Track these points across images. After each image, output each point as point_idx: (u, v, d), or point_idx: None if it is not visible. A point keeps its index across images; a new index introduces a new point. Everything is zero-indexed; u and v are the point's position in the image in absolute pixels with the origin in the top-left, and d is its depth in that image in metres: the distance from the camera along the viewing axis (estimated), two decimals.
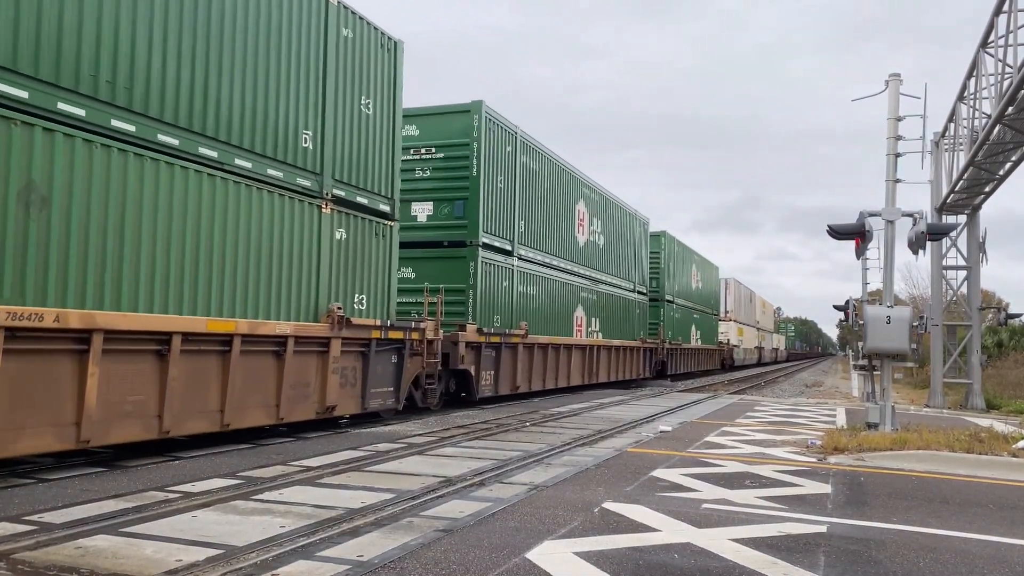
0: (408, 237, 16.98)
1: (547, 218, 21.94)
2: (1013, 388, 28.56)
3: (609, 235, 27.71)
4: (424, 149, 18.43)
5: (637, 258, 31.20)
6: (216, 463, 9.13)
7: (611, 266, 27.84)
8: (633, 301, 30.45)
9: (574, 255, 24.17)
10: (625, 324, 29.31)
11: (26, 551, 5.36)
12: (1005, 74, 16.93)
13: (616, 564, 5.40)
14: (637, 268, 31.18)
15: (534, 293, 20.85)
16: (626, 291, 29.58)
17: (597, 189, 26.66)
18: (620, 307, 28.74)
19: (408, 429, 12.94)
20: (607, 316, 27.24)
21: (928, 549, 6.09)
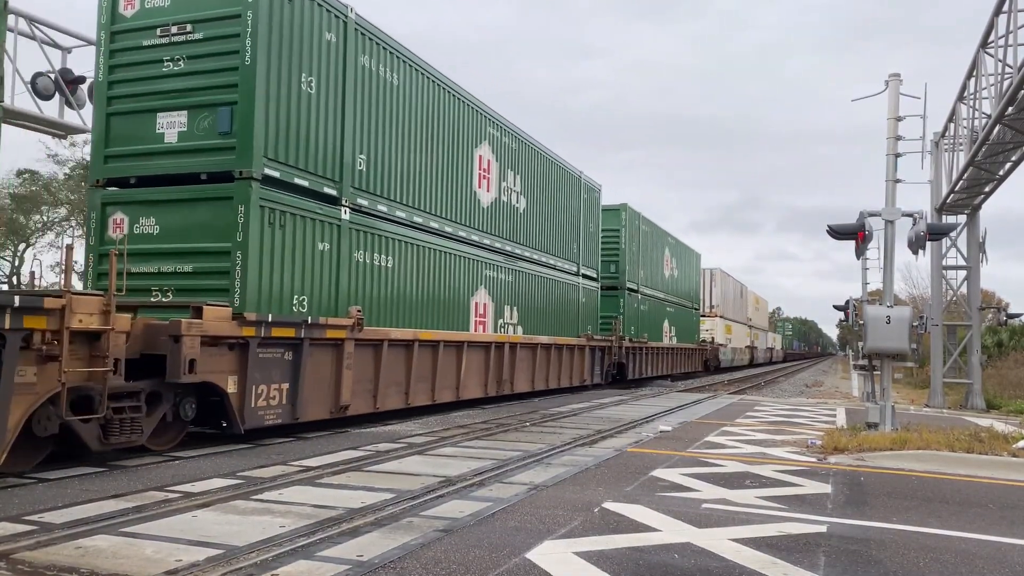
0: (148, 168, 11.61)
1: (416, 158, 15.19)
2: (1013, 388, 28.56)
3: (537, 198, 21.33)
4: (176, 27, 11.64)
5: (584, 233, 24.91)
6: (216, 463, 9.13)
7: (540, 239, 21.56)
8: (575, 287, 24.23)
9: (471, 218, 17.37)
10: (563, 316, 23.20)
11: (26, 551, 5.36)
12: (1005, 74, 16.93)
13: (616, 564, 5.40)
14: (583, 246, 24.85)
15: (389, 266, 14.19)
16: (565, 274, 23.54)
17: (515, 133, 19.64)
18: (554, 294, 22.43)
19: (408, 429, 12.95)
20: (532, 305, 20.95)
21: (928, 549, 6.09)
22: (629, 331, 29.21)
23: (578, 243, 24.49)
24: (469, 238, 17.40)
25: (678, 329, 38.06)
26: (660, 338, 34.31)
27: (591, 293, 25.75)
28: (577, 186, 24.60)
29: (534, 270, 21.22)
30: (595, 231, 26.34)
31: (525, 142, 20.69)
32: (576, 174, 24.53)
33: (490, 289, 18.39)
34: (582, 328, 24.64)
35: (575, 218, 24.38)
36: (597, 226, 26.64)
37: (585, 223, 25.18)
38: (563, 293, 23.29)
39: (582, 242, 24.85)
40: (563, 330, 23.10)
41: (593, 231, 26.10)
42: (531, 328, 20.79)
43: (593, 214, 26.15)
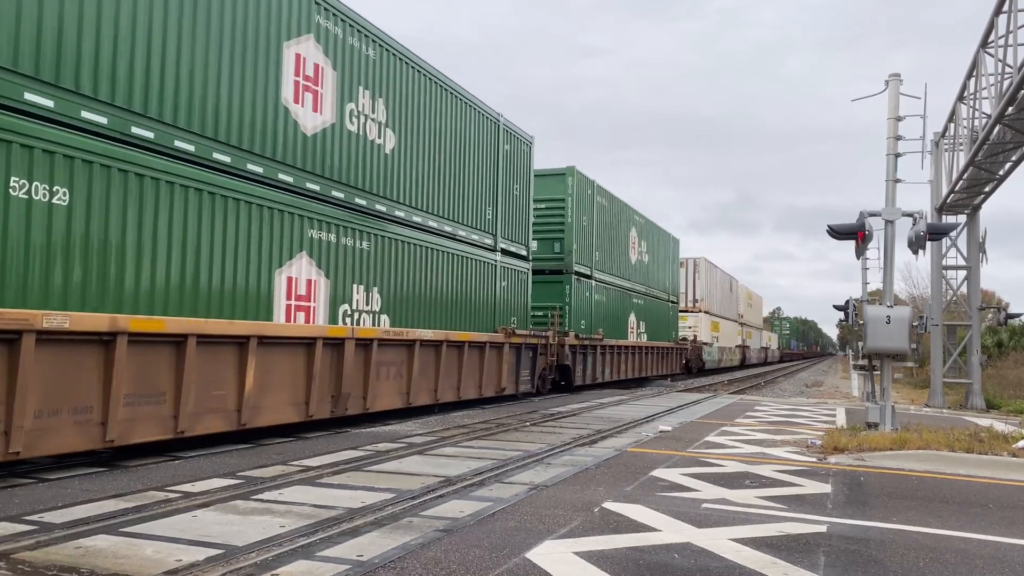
0: None
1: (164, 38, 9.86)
2: (1013, 388, 28.56)
3: (418, 137, 15.30)
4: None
5: (506, 198, 19.23)
6: (216, 463, 9.13)
7: (424, 195, 15.54)
8: (490, 266, 18.48)
9: (276, 147, 11.68)
10: (468, 305, 17.42)
11: (26, 551, 5.36)
12: (1005, 74, 16.93)
13: (616, 564, 5.40)
14: (504, 214, 19.13)
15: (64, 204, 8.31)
16: (473, 248, 17.67)
17: (377, 38, 14.07)
18: (451, 274, 16.66)
19: (408, 429, 12.94)
20: (409, 287, 14.98)
21: (928, 549, 6.09)
22: (578, 325, 24.25)
23: (495, 209, 18.58)
24: (274, 178, 11.50)
25: (650, 325, 32.80)
26: (624, 335, 29.14)
27: (517, 275, 20.02)
28: (493, 133, 18.50)
29: (415, 238, 15.12)
30: (524, 196, 20.47)
31: (397, 54, 14.55)
32: (493, 116, 18.63)
33: (321, 259, 12.36)
34: (503, 320, 18.85)
35: (490, 175, 18.40)
36: (527, 190, 20.69)
37: (507, 184, 19.36)
38: (469, 273, 17.35)
39: (502, 208, 19.02)
40: (469, 322, 17.24)
41: (521, 196, 20.24)
42: (407, 319, 14.74)
43: (520, 173, 20.24)
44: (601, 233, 26.73)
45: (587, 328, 25.16)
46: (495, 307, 18.74)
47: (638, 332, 31.29)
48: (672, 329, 37.38)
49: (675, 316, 38.27)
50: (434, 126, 15.96)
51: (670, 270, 36.97)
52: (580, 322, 24.54)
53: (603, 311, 26.86)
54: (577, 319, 24.31)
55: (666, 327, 36.04)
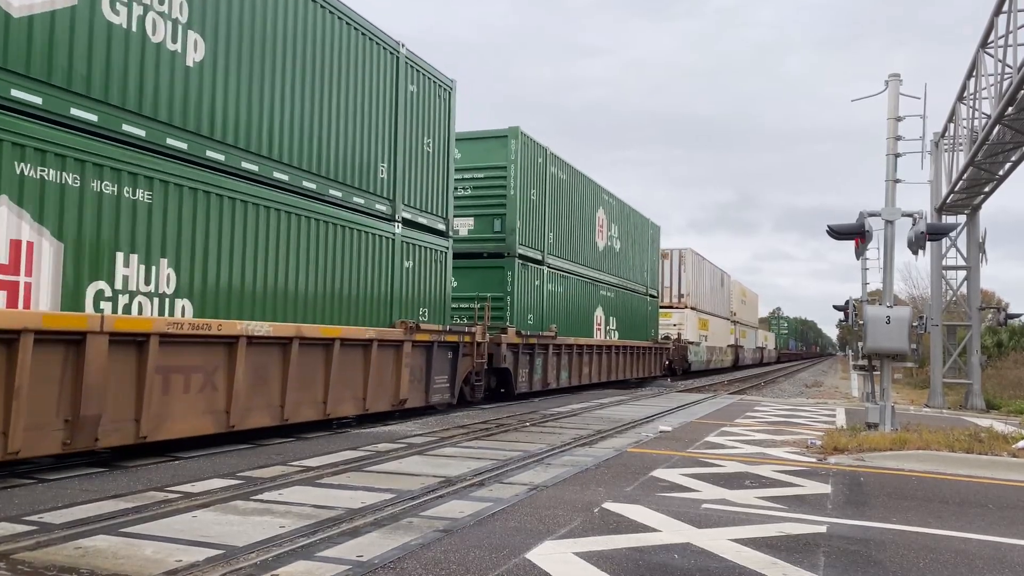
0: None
1: None
2: (1013, 388, 28.57)
3: (244, 55, 10.99)
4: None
5: (402, 147, 14.56)
6: (216, 463, 9.13)
7: (242, 127, 10.99)
8: (378, 238, 13.84)
9: None
10: (348, 291, 12.99)
11: (26, 551, 5.36)
12: (1005, 74, 16.94)
13: (616, 564, 5.40)
14: (400, 170, 14.47)
15: None
16: (349, 212, 13.09)
17: None
18: (304, 245, 12.03)
19: (408, 429, 12.94)
20: (226, 262, 10.57)
21: (928, 549, 6.09)
22: (523, 320, 20.17)
23: (392, 166, 14.22)
24: None
25: (623, 321, 28.79)
26: (588, 332, 25.10)
27: (430, 255, 15.61)
28: (389, 67, 14.09)
29: (247, 194, 10.76)
30: (441, 155, 16.00)
31: None
32: (389, 45, 14.21)
33: (44, 210, 8.15)
34: (406, 312, 14.55)
35: (383, 121, 13.97)
36: (445, 148, 16.20)
37: (413, 136, 14.92)
38: (348, 248, 12.96)
39: (405, 167, 14.65)
40: (349, 314, 12.95)
41: (436, 155, 15.84)
42: (233, 308, 10.48)
43: (436, 125, 15.83)
44: (557, 211, 22.60)
45: (536, 324, 20.98)
46: (392, 295, 14.11)
47: (607, 329, 27.14)
48: (651, 327, 33.22)
49: (655, 312, 33.99)
50: (283, 43, 11.60)
51: (649, 260, 32.90)
52: (527, 316, 20.45)
53: (559, 304, 22.75)
54: (522, 313, 20.14)
55: (643, 324, 31.83)
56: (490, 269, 19.86)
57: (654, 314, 33.92)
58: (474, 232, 20.13)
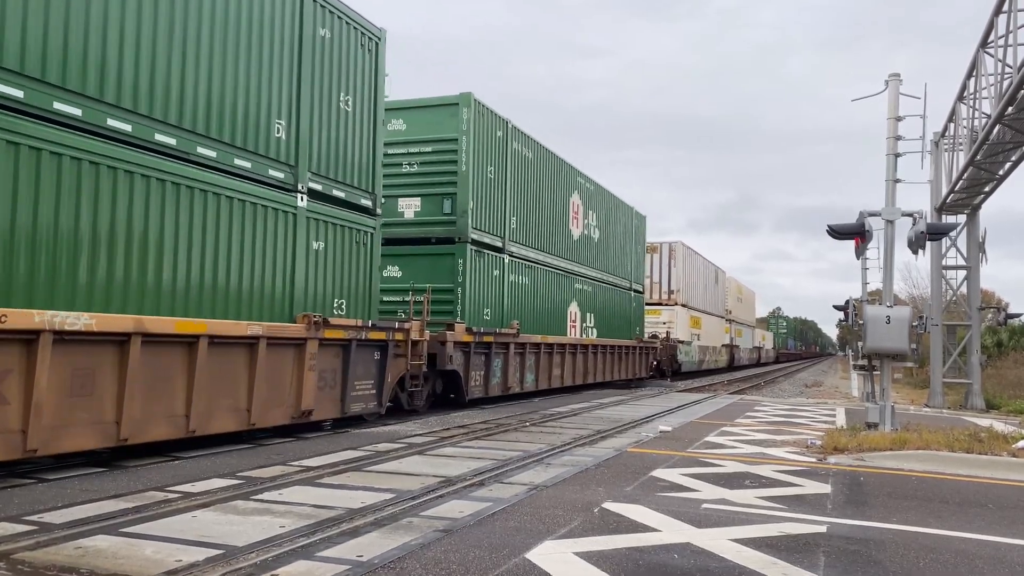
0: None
1: None
2: (1013, 388, 28.57)
3: None
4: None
5: (309, 103, 12.10)
6: (216, 463, 9.13)
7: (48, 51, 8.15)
8: (274, 212, 11.40)
9: None
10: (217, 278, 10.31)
11: (26, 551, 5.36)
12: (1005, 74, 16.94)
13: (616, 564, 5.40)
14: (306, 130, 12.06)
15: None
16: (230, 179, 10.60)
17: None
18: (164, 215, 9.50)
19: (408, 429, 12.94)
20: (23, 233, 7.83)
21: (928, 549, 6.09)
22: (478, 316, 17.71)
23: (294, 125, 11.74)
24: None
25: (602, 318, 26.38)
26: (560, 329, 22.44)
27: (349, 236, 13.01)
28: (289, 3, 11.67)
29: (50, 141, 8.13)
30: (365, 117, 13.51)
31: None
32: None
33: None
34: (314, 304, 12.09)
35: (281, 70, 11.51)
36: (370, 108, 13.65)
37: (324, 91, 12.43)
38: (230, 222, 10.50)
39: (313, 127, 12.17)
40: (233, 306, 10.52)
41: (359, 116, 13.33)
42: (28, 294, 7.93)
43: (358, 81, 13.27)
44: (521, 193, 19.96)
45: (495, 319, 18.38)
46: (295, 283, 11.61)
47: (583, 327, 24.60)
48: (635, 324, 30.68)
49: (639, 308, 31.42)
50: None
51: (633, 253, 30.56)
52: (482, 311, 17.85)
53: (524, 298, 20.12)
54: (476, 307, 17.57)
55: (626, 321, 29.32)
56: (438, 256, 17.21)
57: (639, 311, 31.43)
58: (421, 214, 17.56)
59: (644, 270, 33.35)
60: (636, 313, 31.02)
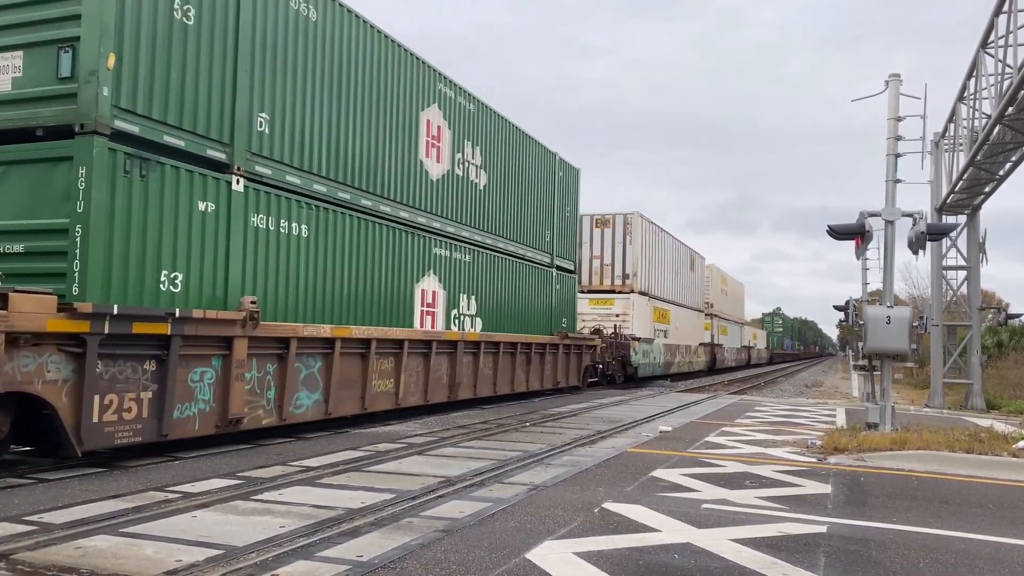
0: None
1: None
2: (1013, 388, 28.57)
3: None
4: None
5: None
6: (216, 463, 9.13)
7: None
8: None
9: None
10: None
11: (26, 551, 5.36)
12: (1005, 74, 16.94)
13: (616, 564, 5.40)
14: None
15: None
16: None
17: None
18: None
19: (408, 429, 12.94)
20: None
21: (928, 549, 6.09)
22: (148, 285, 9.20)
23: None
24: None
25: (495, 302, 18.68)
26: (398, 317, 14.51)
27: None
28: None
29: None
30: None
31: None
32: None
33: None
34: None
35: None
36: None
37: None
38: None
39: None
40: None
41: None
42: None
43: None
44: (291, 71, 11.66)
45: (210, 295, 10.08)
46: None
47: (453, 316, 16.68)
48: (561, 315, 22.68)
49: (569, 294, 23.48)
50: None
51: (559, 216, 22.51)
52: (155, 276, 9.33)
53: (299, 260, 11.80)
54: (139, 267, 9.12)
55: (543, 309, 21.45)
56: (34, 165, 8.85)
57: (568, 297, 23.43)
58: (22, 83, 9.07)
59: (578, 241, 25.76)
60: (563, 299, 22.89)
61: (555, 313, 22.53)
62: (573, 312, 24.19)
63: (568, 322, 23.57)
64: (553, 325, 22.35)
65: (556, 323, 22.58)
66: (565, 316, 23.33)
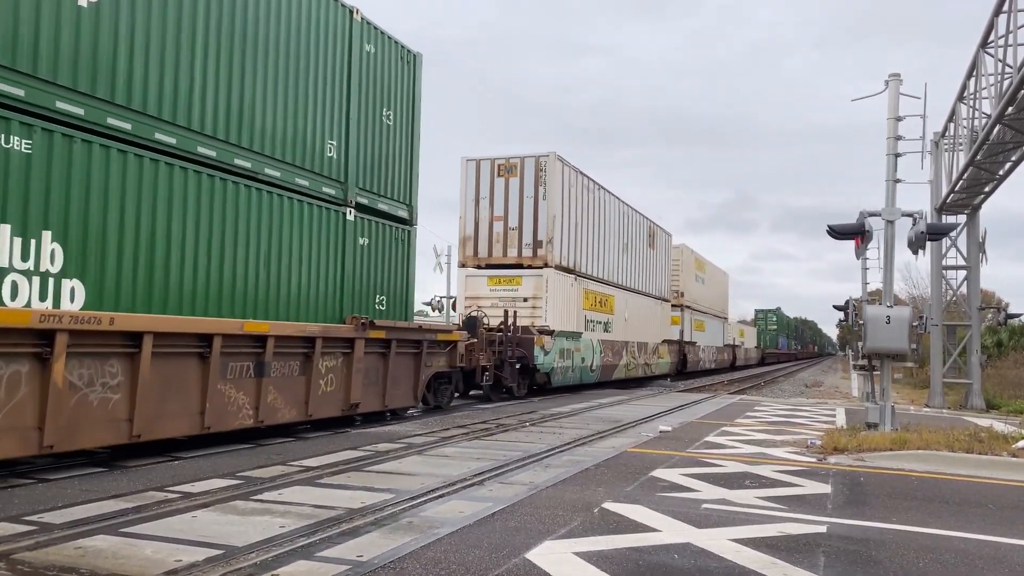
0: None
1: None
2: (1013, 388, 28.58)
3: None
4: None
5: None
6: (216, 463, 9.13)
7: None
8: None
9: None
10: None
11: (26, 551, 5.36)
12: (1005, 74, 16.95)
13: (616, 564, 5.40)
14: None
15: None
16: None
17: None
18: None
19: (408, 429, 12.95)
20: None
21: (928, 549, 6.09)
22: None
23: None
24: None
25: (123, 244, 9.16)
26: None
27: None
28: None
29: None
30: None
31: None
32: None
33: None
34: None
35: None
36: None
37: None
38: None
39: None
40: None
41: None
42: None
43: None
44: None
45: None
46: None
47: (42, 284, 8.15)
48: (378, 290, 14.21)
49: (394, 254, 14.75)
50: None
51: (361, 121, 13.82)
52: None
53: None
54: None
55: (321, 278, 12.73)
56: None
57: (394, 261, 14.72)
58: None
59: (474, 197, 21.78)
60: (379, 264, 14.29)
61: (358, 286, 13.57)
62: (406, 286, 15.05)
63: (392, 303, 14.59)
64: (353, 306, 13.33)
65: (361, 303, 13.62)
66: (385, 292, 14.37)
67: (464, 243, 22.75)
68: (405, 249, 15.25)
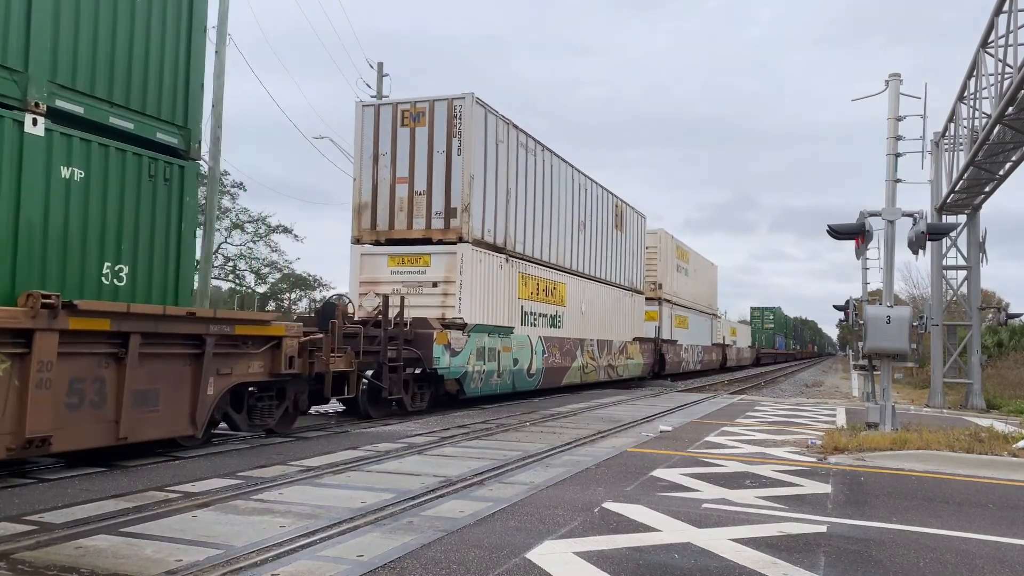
0: None
1: None
2: (1013, 388, 28.56)
3: None
4: None
5: None
6: (216, 463, 9.13)
7: None
8: None
9: None
10: None
11: (26, 551, 5.36)
12: (1005, 74, 16.93)
13: (616, 564, 5.40)
14: None
15: None
16: None
17: None
18: None
19: (408, 429, 12.95)
20: None
21: (928, 549, 6.09)
22: None
23: None
24: None
25: None
26: None
27: None
28: None
29: None
30: None
31: None
32: None
33: None
34: None
35: None
36: None
37: None
38: None
39: None
40: None
41: None
42: None
43: None
44: None
45: None
46: None
47: None
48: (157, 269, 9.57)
49: (167, 205, 9.68)
50: None
51: None
52: None
53: None
54: None
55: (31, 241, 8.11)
56: None
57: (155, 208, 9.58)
58: None
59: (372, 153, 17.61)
60: (134, 218, 9.37)
61: (57, 247, 8.53)
62: (177, 254, 9.96)
63: (142, 277, 9.51)
64: (44, 278, 8.39)
65: (64, 274, 8.61)
66: (127, 260, 9.31)
67: (359, 213, 17.72)
68: (175, 195, 9.94)
